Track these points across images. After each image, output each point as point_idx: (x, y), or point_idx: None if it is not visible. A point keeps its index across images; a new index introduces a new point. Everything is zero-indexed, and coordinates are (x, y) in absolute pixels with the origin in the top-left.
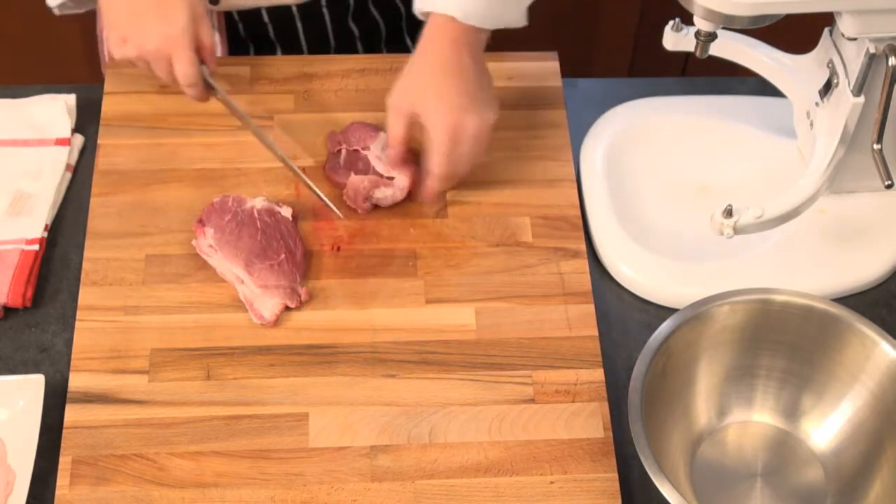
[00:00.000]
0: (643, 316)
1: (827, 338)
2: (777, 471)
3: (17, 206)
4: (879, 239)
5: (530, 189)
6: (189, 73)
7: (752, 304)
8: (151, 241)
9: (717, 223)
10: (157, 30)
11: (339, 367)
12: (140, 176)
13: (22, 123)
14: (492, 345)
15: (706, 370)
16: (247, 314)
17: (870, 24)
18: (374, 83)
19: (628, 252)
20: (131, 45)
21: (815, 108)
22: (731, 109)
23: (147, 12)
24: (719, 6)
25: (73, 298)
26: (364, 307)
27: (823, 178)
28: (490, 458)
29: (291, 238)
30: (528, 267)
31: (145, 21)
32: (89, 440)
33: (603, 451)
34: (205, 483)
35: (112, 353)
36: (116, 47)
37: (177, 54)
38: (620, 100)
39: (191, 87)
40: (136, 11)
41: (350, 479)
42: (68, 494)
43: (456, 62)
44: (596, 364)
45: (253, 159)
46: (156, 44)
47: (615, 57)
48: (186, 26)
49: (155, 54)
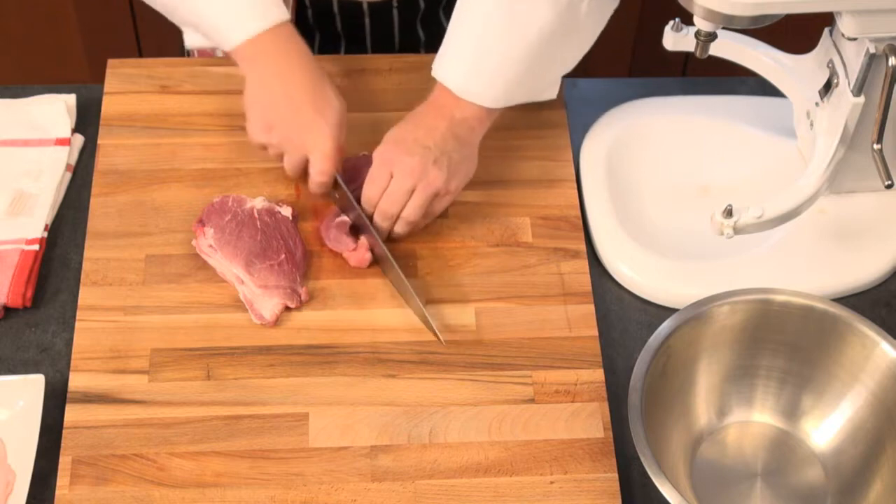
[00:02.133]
0: (643, 316)
1: (827, 338)
2: (777, 471)
3: (17, 206)
4: (879, 239)
5: (530, 189)
6: (328, 171)
7: (752, 304)
8: (151, 241)
9: (717, 223)
10: (310, 122)
11: (339, 367)
12: (140, 176)
13: (22, 123)
14: (492, 345)
15: (706, 370)
16: (247, 314)
17: (870, 24)
18: (373, 83)
19: (628, 252)
20: (276, 134)
21: (815, 108)
22: (731, 109)
23: (302, 102)
24: (719, 6)
25: (73, 298)
26: (364, 307)
27: (823, 178)
28: (490, 458)
29: (291, 238)
30: (528, 267)
31: (298, 111)
32: (89, 440)
33: (603, 451)
34: (205, 483)
35: (112, 353)
36: (258, 132)
37: (322, 151)
38: (620, 100)
39: (323, 186)
40: (290, 99)
41: (350, 479)
42: (68, 494)
43: (432, 127)
44: (596, 364)
45: (253, 159)
46: (303, 137)
47: (615, 57)
48: (337, 123)
49: (297, 146)
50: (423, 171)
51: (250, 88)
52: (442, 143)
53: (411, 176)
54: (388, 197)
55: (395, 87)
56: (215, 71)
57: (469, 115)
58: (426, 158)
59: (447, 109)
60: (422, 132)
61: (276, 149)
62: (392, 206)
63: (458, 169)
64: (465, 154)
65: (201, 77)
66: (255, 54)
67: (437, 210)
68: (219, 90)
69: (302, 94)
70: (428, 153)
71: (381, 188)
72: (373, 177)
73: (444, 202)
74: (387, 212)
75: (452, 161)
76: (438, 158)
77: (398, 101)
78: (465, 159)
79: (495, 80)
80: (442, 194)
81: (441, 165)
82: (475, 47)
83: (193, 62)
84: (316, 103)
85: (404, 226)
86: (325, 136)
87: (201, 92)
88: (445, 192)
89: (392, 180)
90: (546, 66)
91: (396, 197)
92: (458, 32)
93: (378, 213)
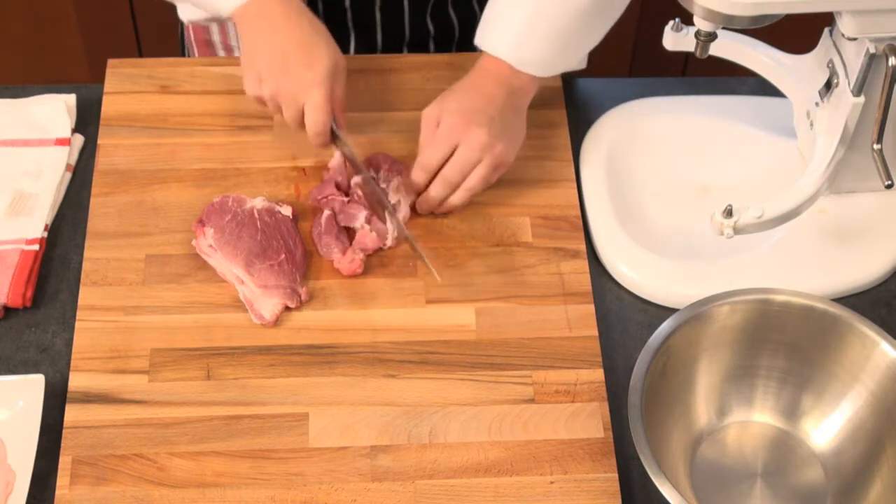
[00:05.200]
0: (643, 316)
1: (827, 338)
2: (777, 471)
3: (17, 206)
4: (879, 239)
5: (530, 189)
6: (321, 121)
7: (752, 304)
8: (151, 241)
9: (717, 223)
10: (299, 74)
11: (339, 367)
12: (140, 176)
13: (22, 123)
14: (492, 345)
15: (706, 370)
16: (247, 314)
17: (870, 24)
18: (372, 83)
19: (628, 252)
20: (268, 86)
21: (815, 108)
22: (731, 109)
23: (291, 55)
24: (719, 6)
25: (73, 298)
26: (364, 307)
27: (823, 178)
28: (490, 458)
29: (291, 238)
30: (528, 267)
31: (288, 64)
32: (89, 440)
33: (603, 451)
34: (205, 483)
35: (112, 353)
36: (252, 85)
37: (312, 102)
38: (620, 100)
39: (318, 136)
40: (280, 52)
41: (350, 479)
42: (68, 494)
43: (493, 96)
44: (596, 364)
45: (253, 159)
46: (294, 88)
47: (615, 57)
48: (327, 75)
49: (290, 98)
50: (490, 144)
51: (246, 46)
52: (503, 113)
53: (480, 148)
54: (454, 165)
55: (400, 87)
56: (215, 71)
57: (525, 83)
58: (493, 130)
59: (504, 78)
60: (483, 102)
61: (272, 102)
62: (457, 174)
63: (516, 139)
64: (520, 122)
65: (201, 77)
66: (251, 15)
67: (492, 180)
68: (219, 90)
69: (293, 48)
70: (494, 124)
71: (444, 156)
72: (437, 143)
73: (501, 172)
74: (450, 179)
75: (512, 131)
76: (503, 131)
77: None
78: (521, 128)
79: (545, 49)
80: (504, 165)
81: (505, 137)
82: (527, 17)
83: (193, 62)
84: (307, 56)
85: (465, 195)
86: (315, 87)
87: (201, 92)
88: (507, 164)
89: (458, 150)
90: (588, 33)
91: (463, 166)
92: (505, 2)
93: (441, 179)
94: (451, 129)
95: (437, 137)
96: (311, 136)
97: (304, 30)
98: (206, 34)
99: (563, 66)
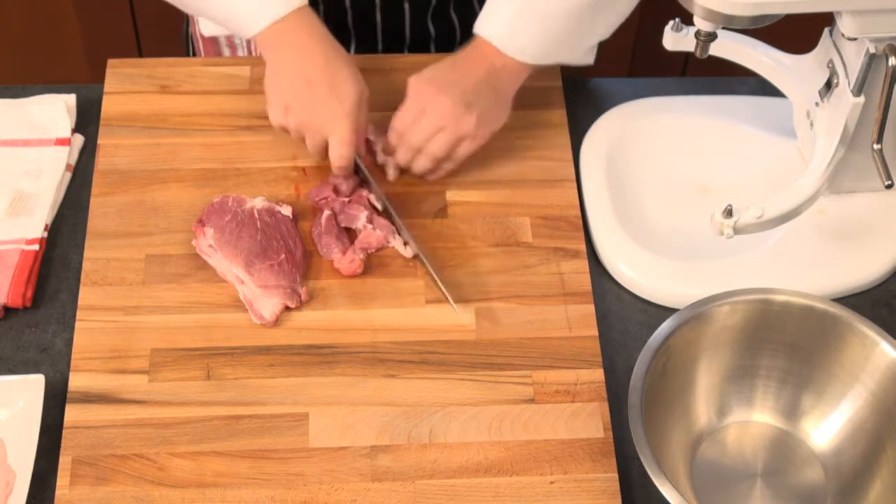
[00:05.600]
0: (643, 316)
1: (827, 338)
2: (777, 471)
3: (17, 206)
4: (879, 239)
5: (530, 189)
6: (346, 155)
7: (752, 304)
8: (151, 241)
9: (717, 223)
10: (325, 106)
11: (339, 367)
12: (140, 176)
13: (22, 123)
14: (492, 345)
15: (706, 370)
16: (247, 314)
17: (870, 24)
18: (372, 83)
19: (628, 252)
20: (294, 116)
21: (815, 108)
22: (731, 109)
23: (317, 83)
24: (719, 6)
25: (73, 298)
26: (364, 307)
27: (823, 178)
28: (490, 458)
29: (291, 238)
30: (528, 267)
31: (314, 94)
32: (89, 440)
33: (603, 451)
34: (205, 483)
35: (112, 353)
36: (277, 114)
37: (338, 135)
38: (620, 100)
39: (342, 169)
40: (305, 80)
41: (350, 479)
42: (68, 494)
43: (470, 71)
44: (596, 364)
45: (253, 159)
46: (321, 120)
47: (615, 57)
48: (353, 106)
49: (315, 131)
50: (455, 113)
51: (270, 72)
52: (477, 88)
53: (443, 115)
54: (416, 130)
55: (402, 87)
56: (215, 71)
57: (508, 65)
58: (460, 101)
59: (487, 57)
60: (459, 75)
61: (296, 132)
62: (419, 138)
63: (489, 116)
64: (499, 102)
65: (201, 77)
66: (276, 38)
67: (461, 154)
68: (219, 90)
69: (320, 78)
70: (463, 96)
71: (410, 122)
72: (406, 108)
73: (470, 147)
74: (410, 142)
75: (485, 107)
76: (472, 103)
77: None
78: (497, 107)
79: (536, 37)
80: (470, 138)
81: (473, 110)
82: (520, 2)
83: (193, 62)
84: (333, 87)
85: (425, 160)
86: (342, 120)
87: (201, 92)
88: (473, 137)
89: (423, 116)
90: (587, 28)
91: (425, 132)
92: None
93: (405, 143)
94: (420, 96)
95: (406, 103)
96: (335, 169)
97: (328, 57)
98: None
99: (559, 57)
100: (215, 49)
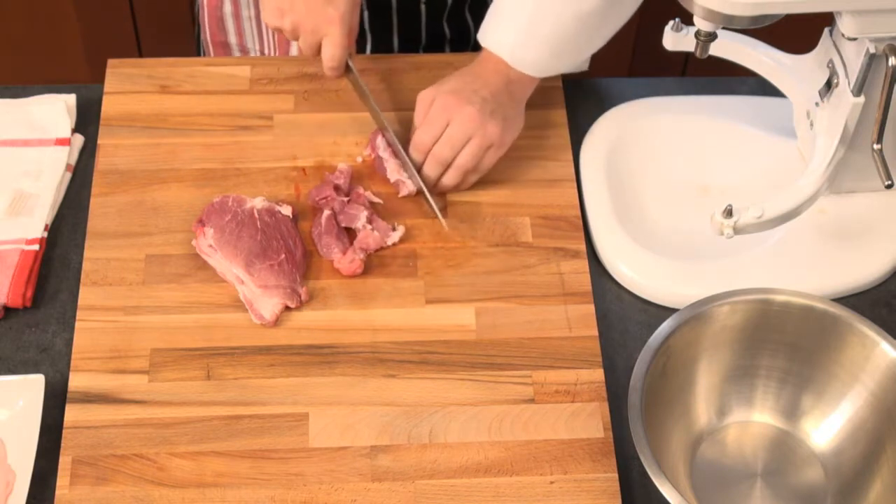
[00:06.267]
0: (643, 316)
1: (827, 338)
2: (777, 471)
3: (17, 206)
4: (879, 239)
5: (530, 189)
6: (338, 56)
7: (752, 304)
8: (151, 241)
9: (717, 223)
10: (320, 8)
11: (339, 367)
12: (140, 176)
13: (22, 123)
14: (492, 345)
15: (706, 370)
16: (247, 314)
17: (870, 24)
18: (372, 83)
19: (628, 252)
20: (288, 18)
21: (815, 108)
22: (731, 109)
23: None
24: (719, 6)
25: (73, 298)
26: (364, 307)
27: (823, 178)
28: (490, 458)
29: (291, 238)
30: (528, 267)
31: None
32: (89, 440)
33: (603, 451)
34: (205, 483)
35: (112, 353)
36: (272, 16)
37: (332, 37)
38: (620, 100)
39: (334, 70)
40: None
41: (350, 479)
42: (68, 494)
43: (489, 81)
44: (596, 364)
45: (253, 159)
46: (314, 22)
47: (615, 57)
48: (347, 10)
49: (309, 32)
50: (481, 122)
51: None
52: (496, 96)
53: (470, 124)
54: (444, 142)
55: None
56: (215, 71)
57: (523, 76)
58: (484, 109)
59: (503, 69)
60: (479, 84)
61: (290, 33)
62: (448, 151)
63: (511, 123)
64: (517, 110)
65: (201, 77)
66: None
67: (487, 163)
68: (219, 90)
69: None
70: (486, 104)
71: (436, 135)
72: (429, 122)
73: (496, 155)
74: (440, 156)
75: (507, 115)
76: (495, 111)
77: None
78: (517, 115)
79: (544, 53)
80: (496, 146)
81: (497, 118)
82: (528, 18)
83: (193, 62)
84: None
85: (456, 174)
86: (336, 22)
87: (201, 92)
88: (499, 145)
89: (449, 127)
90: (591, 38)
91: (453, 143)
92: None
93: (431, 157)
94: (444, 108)
95: (430, 116)
96: (327, 70)
97: None
98: (223, 35)
99: (561, 69)
100: (227, 54)
